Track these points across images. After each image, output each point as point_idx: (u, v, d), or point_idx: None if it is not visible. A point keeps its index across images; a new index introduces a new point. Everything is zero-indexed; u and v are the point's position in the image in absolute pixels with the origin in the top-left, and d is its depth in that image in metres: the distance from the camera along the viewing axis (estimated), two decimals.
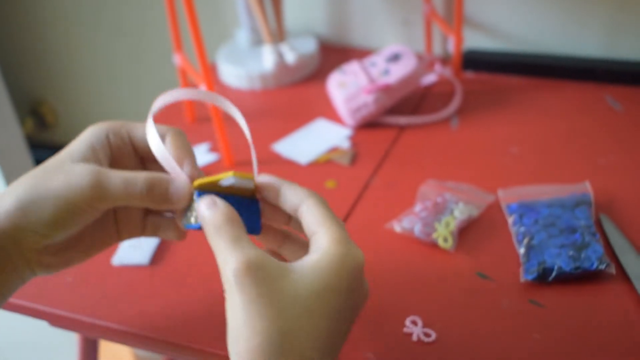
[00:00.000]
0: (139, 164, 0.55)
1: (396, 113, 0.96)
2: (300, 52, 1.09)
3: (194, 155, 0.53)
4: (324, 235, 0.45)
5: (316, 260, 0.44)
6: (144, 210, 0.56)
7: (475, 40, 1.10)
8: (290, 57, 1.07)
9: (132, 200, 0.49)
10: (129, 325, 0.65)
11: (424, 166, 0.85)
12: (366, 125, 0.95)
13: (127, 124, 0.53)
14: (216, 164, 0.90)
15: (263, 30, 1.07)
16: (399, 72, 0.93)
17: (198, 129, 0.98)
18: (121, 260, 0.73)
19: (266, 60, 1.08)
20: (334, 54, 1.17)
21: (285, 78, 1.09)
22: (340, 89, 0.95)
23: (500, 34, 1.08)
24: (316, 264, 0.44)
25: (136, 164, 0.54)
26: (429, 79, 1.04)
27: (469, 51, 1.08)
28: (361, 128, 0.95)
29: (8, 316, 0.76)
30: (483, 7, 1.07)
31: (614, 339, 0.59)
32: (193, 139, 0.94)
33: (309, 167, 0.88)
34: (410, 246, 0.72)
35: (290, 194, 0.49)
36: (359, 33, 1.19)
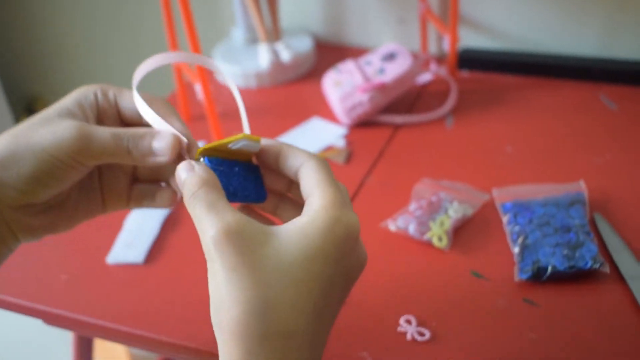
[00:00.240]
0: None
1: (391, 112, 0.96)
2: (296, 51, 1.10)
3: (179, 117, 0.51)
4: (317, 199, 0.43)
5: (304, 224, 0.41)
6: (131, 178, 0.55)
7: (470, 39, 1.10)
8: (285, 56, 1.07)
9: (119, 156, 0.47)
10: (124, 324, 0.65)
11: (419, 165, 0.85)
12: (361, 124, 0.95)
13: (116, 88, 0.51)
14: None
15: (259, 29, 1.07)
16: (394, 71, 0.94)
17: (193, 127, 0.98)
18: (116, 258, 0.73)
19: (262, 58, 1.08)
20: (330, 52, 1.17)
21: (280, 76, 1.09)
22: (335, 87, 0.95)
23: (495, 33, 1.09)
24: (303, 229, 0.41)
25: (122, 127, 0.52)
26: (424, 77, 1.04)
27: (465, 50, 1.09)
28: (356, 127, 0.95)
29: (2, 314, 0.76)
30: (478, 6, 1.07)
31: (608, 338, 0.59)
32: None
33: None
34: (404, 245, 0.72)
35: (292, 156, 0.47)
36: (354, 32, 1.19)
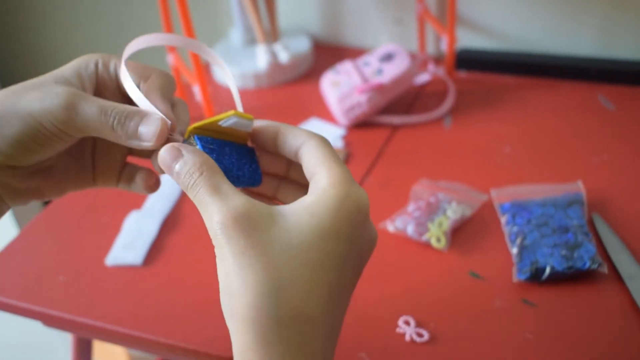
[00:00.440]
0: (121, 102, 0.49)
1: (389, 112, 0.96)
2: (294, 52, 1.10)
3: (172, 96, 0.48)
4: (323, 176, 0.41)
5: (312, 203, 0.40)
6: (124, 157, 0.53)
7: (468, 40, 1.10)
8: (283, 57, 1.07)
9: (103, 132, 0.45)
10: (123, 326, 0.65)
11: (417, 166, 0.85)
12: (359, 124, 0.95)
13: (118, 60, 0.49)
14: None
15: (256, 30, 1.07)
16: (392, 72, 0.94)
17: None
18: (114, 260, 0.73)
19: (260, 59, 1.08)
20: (328, 53, 1.18)
21: (278, 77, 1.09)
22: (333, 88, 0.95)
23: (493, 33, 1.09)
24: (312, 207, 0.39)
25: (118, 101, 0.49)
26: (422, 78, 1.04)
27: (462, 50, 1.09)
28: (354, 127, 0.95)
29: (1, 316, 0.75)
30: (476, 6, 1.07)
31: (606, 338, 0.59)
32: None
33: None
34: (403, 246, 0.72)
35: (291, 136, 0.44)
36: (352, 32, 1.19)
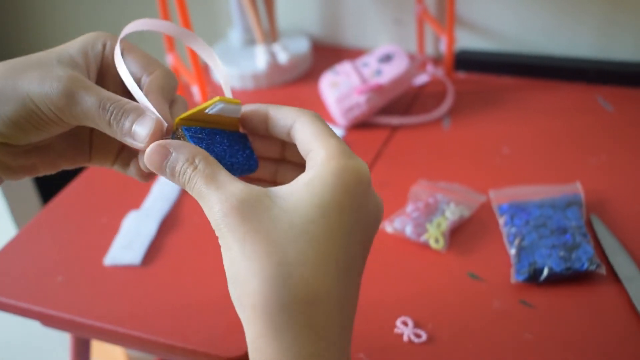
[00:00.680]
0: (125, 87, 0.47)
1: (388, 113, 0.96)
2: (293, 52, 1.10)
3: (174, 94, 0.47)
4: (319, 151, 0.40)
5: (310, 179, 0.38)
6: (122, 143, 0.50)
7: (467, 41, 1.10)
8: (282, 57, 1.07)
9: (101, 125, 0.43)
10: (122, 326, 0.65)
11: (415, 166, 0.85)
12: (358, 125, 0.95)
13: (126, 43, 0.47)
14: None
15: (256, 30, 1.07)
16: (391, 73, 0.94)
17: None
18: (113, 260, 0.73)
19: (259, 60, 1.08)
20: (327, 54, 1.18)
21: (277, 78, 1.09)
22: (332, 89, 0.95)
23: (492, 34, 1.09)
24: (311, 183, 0.38)
25: (122, 85, 0.47)
26: (421, 79, 1.04)
27: (461, 51, 1.09)
28: (353, 128, 0.95)
29: (0, 316, 0.75)
30: (475, 7, 1.07)
31: (604, 339, 0.59)
32: None
33: None
34: (401, 247, 0.72)
35: (281, 116, 0.43)
36: (351, 33, 1.19)
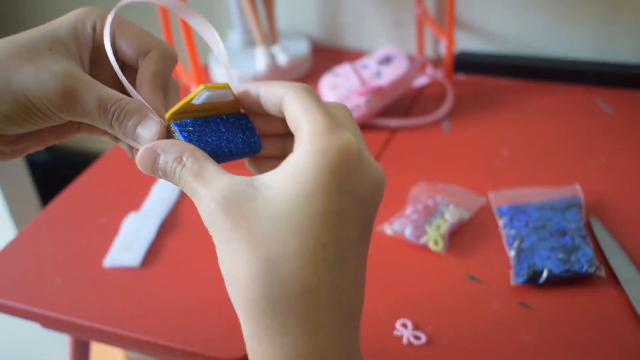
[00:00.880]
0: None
1: (388, 115, 0.96)
2: (292, 54, 1.10)
3: (169, 77, 0.46)
4: (304, 129, 0.37)
5: (295, 163, 0.36)
6: None
7: (466, 43, 1.10)
8: (282, 59, 1.07)
9: (101, 125, 0.42)
10: (121, 327, 0.65)
11: (415, 168, 0.85)
12: (358, 127, 0.95)
13: (119, 21, 0.45)
14: None
15: (255, 32, 1.07)
16: (390, 75, 0.94)
17: None
18: (112, 262, 0.73)
19: (258, 61, 1.08)
20: (326, 55, 1.18)
21: (277, 79, 1.09)
22: (332, 91, 0.95)
23: (491, 36, 1.09)
24: (295, 167, 0.36)
25: (112, 71, 0.45)
26: (421, 81, 1.04)
27: (461, 53, 1.09)
28: None
29: None
30: (475, 9, 1.07)
31: (604, 341, 0.59)
32: None
33: None
34: (400, 249, 0.72)
35: (271, 94, 0.41)
36: (350, 35, 1.19)
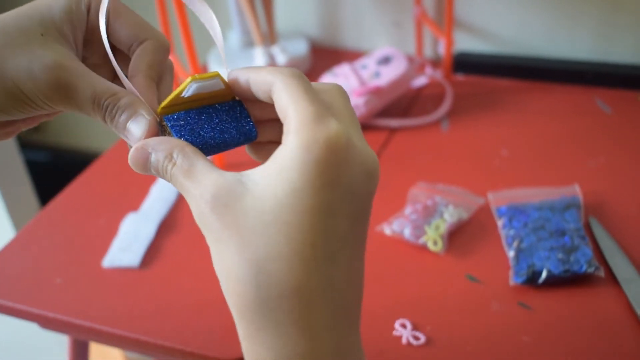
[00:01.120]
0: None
1: (387, 115, 0.96)
2: (291, 54, 1.10)
3: (163, 66, 0.45)
4: (290, 120, 0.35)
5: (281, 157, 0.35)
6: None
7: (465, 43, 1.10)
8: (281, 59, 1.07)
9: (94, 118, 0.41)
10: (120, 328, 0.65)
11: (414, 168, 0.85)
12: None
13: (114, 4, 0.44)
14: None
15: (254, 32, 1.07)
16: (389, 75, 0.94)
17: None
18: (111, 262, 0.73)
19: (257, 62, 1.08)
20: (325, 56, 1.18)
21: None
22: None
23: (491, 36, 1.09)
24: (281, 163, 0.34)
25: (106, 57, 0.44)
26: (420, 81, 1.04)
27: (460, 53, 1.09)
28: None
29: None
30: (474, 10, 1.07)
31: (603, 342, 0.59)
32: None
33: None
34: (400, 249, 0.72)
35: (261, 82, 0.39)
36: (349, 35, 1.19)
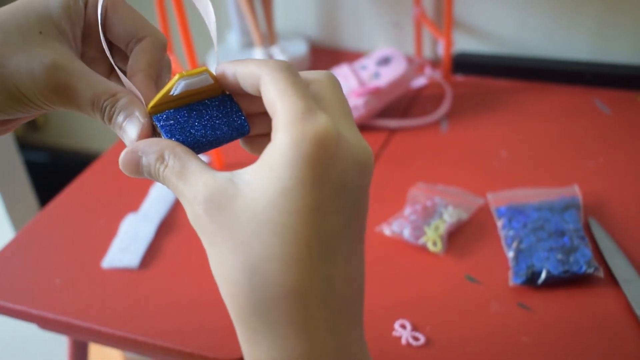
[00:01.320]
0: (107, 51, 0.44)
1: (386, 116, 0.96)
2: (291, 55, 1.10)
3: (161, 63, 0.44)
4: (278, 117, 0.34)
5: (272, 156, 0.33)
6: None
7: (465, 43, 1.10)
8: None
9: (93, 118, 0.41)
10: (119, 328, 0.65)
11: (414, 169, 0.85)
12: None
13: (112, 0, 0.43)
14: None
15: (254, 33, 1.07)
16: (389, 75, 0.94)
17: None
18: (111, 263, 0.73)
19: None
20: (325, 56, 1.18)
21: None
22: None
23: (490, 37, 1.09)
24: (271, 161, 0.33)
25: (103, 51, 0.43)
26: (419, 82, 1.04)
27: (459, 54, 1.09)
28: None
29: None
30: (473, 10, 1.07)
31: (602, 342, 0.59)
32: None
33: None
34: (399, 250, 0.72)
35: (248, 75, 0.38)
36: (349, 35, 1.19)
